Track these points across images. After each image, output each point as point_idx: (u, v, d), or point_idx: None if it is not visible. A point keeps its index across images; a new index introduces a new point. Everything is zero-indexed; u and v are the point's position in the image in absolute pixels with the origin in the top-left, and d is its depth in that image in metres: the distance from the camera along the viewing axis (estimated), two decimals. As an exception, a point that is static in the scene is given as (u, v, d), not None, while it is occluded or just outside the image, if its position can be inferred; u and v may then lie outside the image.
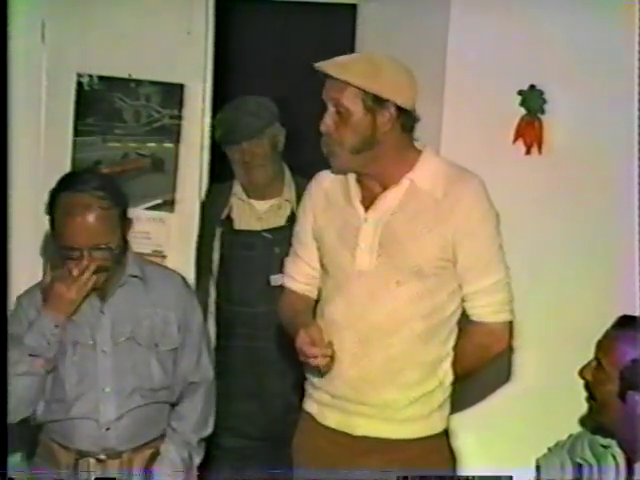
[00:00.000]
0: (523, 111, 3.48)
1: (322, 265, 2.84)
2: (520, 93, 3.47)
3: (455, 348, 2.78)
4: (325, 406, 2.81)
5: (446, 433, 2.81)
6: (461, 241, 2.68)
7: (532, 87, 3.47)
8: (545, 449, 3.01)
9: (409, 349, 2.71)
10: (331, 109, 2.67)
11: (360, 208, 2.75)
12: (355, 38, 3.81)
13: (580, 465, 2.84)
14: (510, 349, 2.94)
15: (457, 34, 3.45)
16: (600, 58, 3.43)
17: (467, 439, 3.05)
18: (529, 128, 3.48)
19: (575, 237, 3.49)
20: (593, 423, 2.81)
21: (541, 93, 3.47)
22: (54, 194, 2.87)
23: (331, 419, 2.80)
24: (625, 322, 2.76)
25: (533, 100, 3.47)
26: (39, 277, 3.78)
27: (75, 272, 2.80)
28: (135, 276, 2.97)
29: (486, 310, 2.74)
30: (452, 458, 2.83)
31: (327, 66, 2.67)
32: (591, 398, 2.76)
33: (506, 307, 2.76)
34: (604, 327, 2.79)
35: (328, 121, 2.68)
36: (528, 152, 3.50)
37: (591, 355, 2.78)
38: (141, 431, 2.94)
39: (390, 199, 2.72)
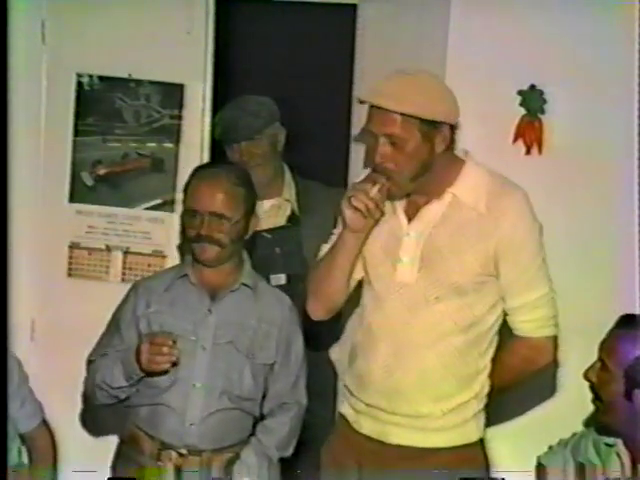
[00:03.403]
0: (523, 111, 3.47)
1: (365, 272, 2.81)
2: (520, 93, 3.47)
3: (498, 362, 2.77)
4: (359, 413, 2.81)
5: (481, 442, 2.80)
6: (505, 255, 2.66)
7: (532, 87, 3.47)
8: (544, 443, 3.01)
9: (446, 362, 2.71)
10: (382, 139, 2.62)
11: (404, 219, 2.73)
12: (355, 38, 3.81)
13: (583, 465, 2.83)
14: (555, 363, 2.92)
15: (457, 34, 3.44)
16: (600, 58, 3.43)
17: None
18: (529, 128, 3.48)
19: (575, 237, 3.48)
20: (599, 424, 2.79)
21: (541, 93, 3.47)
22: (194, 171, 3.07)
23: (365, 427, 2.80)
24: (627, 321, 2.75)
25: (533, 100, 3.47)
26: (39, 277, 3.80)
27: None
28: (248, 286, 3.02)
29: (530, 325, 2.73)
30: (486, 467, 2.83)
31: (377, 99, 2.62)
32: (597, 399, 2.74)
33: (550, 322, 2.75)
34: (603, 326, 2.78)
35: (384, 153, 2.63)
36: (528, 152, 3.50)
37: (593, 355, 2.77)
38: (223, 434, 2.97)
39: (433, 212, 2.70)
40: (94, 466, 3.11)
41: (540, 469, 2.96)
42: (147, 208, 3.80)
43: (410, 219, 2.73)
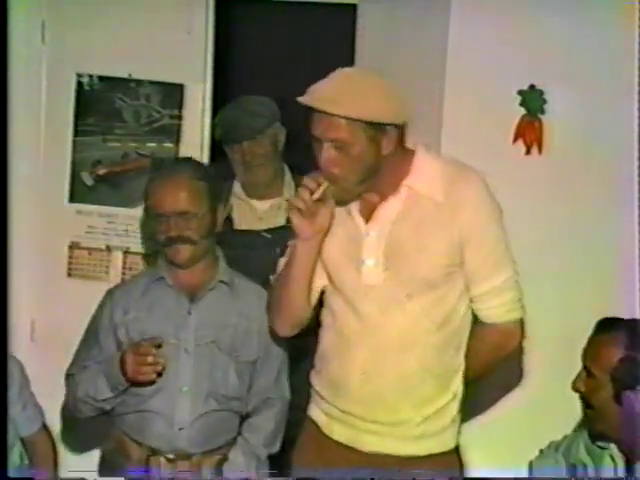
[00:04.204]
0: (523, 111, 3.47)
1: (329, 279, 2.73)
2: (520, 93, 3.47)
3: (467, 352, 2.71)
4: (333, 419, 2.73)
5: (457, 449, 2.76)
6: (468, 242, 2.60)
7: (532, 87, 3.47)
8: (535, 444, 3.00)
9: (425, 363, 2.64)
10: (327, 144, 2.54)
11: (360, 220, 2.65)
12: (355, 38, 3.81)
13: (575, 466, 2.83)
14: (520, 347, 2.89)
15: (457, 34, 3.44)
16: (600, 58, 3.43)
17: (466, 439, 3.04)
18: (529, 128, 3.47)
19: (575, 237, 3.48)
20: (593, 432, 2.76)
21: (541, 93, 3.47)
22: (151, 175, 3.03)
23: (339, 434, 2.72)
24: (605, 325, 2.74)
25: (533, 100, 3.46)
26: (39, 277, 3.79)
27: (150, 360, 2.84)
28: (225, 283, 3.01)
29: (498, 310, 2.66)
30: (461, 473, 2.79)
31: (317, 102, 2.53)
32: (588, 408, 2.73)
33: (517, 304, 2.69)
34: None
35: (329, 158, 2.55)
36: (528, 152, 3.49)
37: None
38: (212, 436, 2.95)
39: (390, 209, 2.62)
40: (93, 467, 3.12)
41: (532, 473, 2.95)
42: (147, 208, 3.80)
43: (367, 219, 2.65)
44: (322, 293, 2.78)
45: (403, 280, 2.61)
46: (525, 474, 2.96)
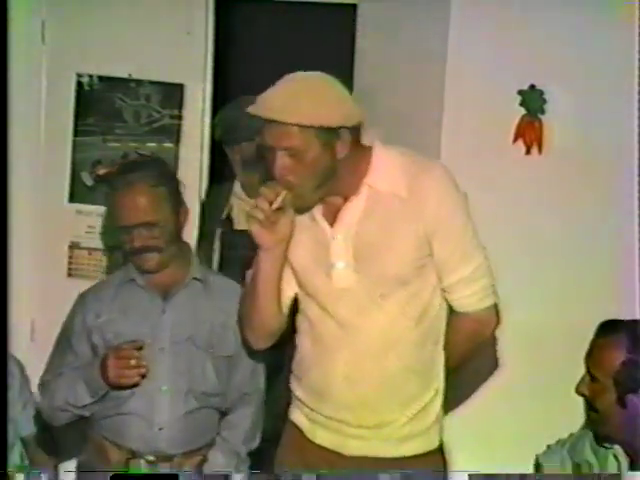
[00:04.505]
0: (523, 111, 3.47)
1: (300, 286, 2.69)
2: (520, 93, 3.47)
3: (445, 344, 2.67)
4: (316, 424, 2.69)
5: (441, 448, 2.72)
6: (434, 234, 2.56)
7: (532, 87, 3.47)
8: (542, 446, 3.00)
9: (406, 361, 2.60)
10: (280, 153, 2.49)
11: (325, 224, 2.61)
12: (355, 38, 3.81)
13: (580, 465, 2.83)
14: (494, 337, 2.85)
15: (457, 34, 3.44)
16: (600, 58, 3.43)
17: (462, 437, 3.04)
18: (529, 128, 3.48)
19: (575, 237, 3.49)
20: (597, 434, 2.77)
21: (541, 93, 3.47)
22: (110, 184, 3.01)
23: (322, 438, 2.68)
24: (606, 328, 2.74)
25: (533, 100, 3.47)
26: (39, 277, 3.79)
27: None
28: (198, 279, 3.00)
29: (470, 300, 2.62)
30: (445, 471, 2.76)
31: (268, 112, 2.48)
32: (592, 410, 2.74)
33: (489, 291, 2.64)
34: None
35: (283, 166, 2.50)
36: (528, 152, 3.49)
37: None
38: (192, 436, 2.94)
39: (353, 210, 2.58)
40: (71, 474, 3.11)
41: (538, 468, 2.96)
42: (147, 208, 3.80)
43: (332, 223, 2.61)
44: (295, 302, 2.73)
45: (375, 280, 2.57)
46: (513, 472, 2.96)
